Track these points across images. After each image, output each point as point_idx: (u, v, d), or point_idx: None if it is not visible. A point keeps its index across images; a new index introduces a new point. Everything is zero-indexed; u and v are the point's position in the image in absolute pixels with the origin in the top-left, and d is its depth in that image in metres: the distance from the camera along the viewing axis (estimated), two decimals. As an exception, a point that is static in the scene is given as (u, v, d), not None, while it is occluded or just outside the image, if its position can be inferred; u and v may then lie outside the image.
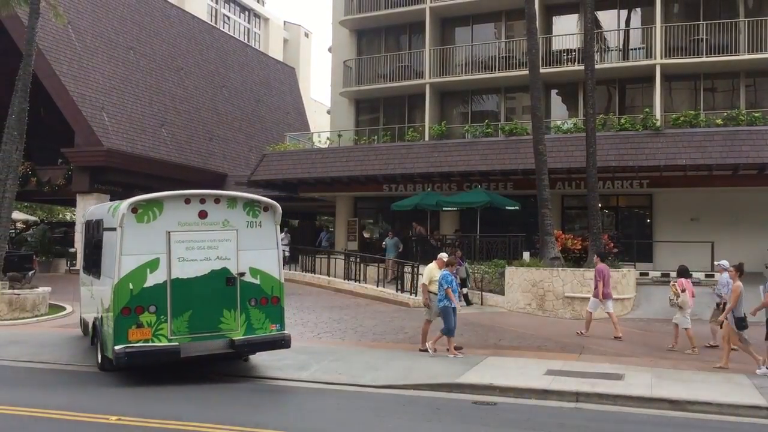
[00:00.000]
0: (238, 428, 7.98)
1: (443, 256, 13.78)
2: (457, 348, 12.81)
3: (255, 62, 47.26)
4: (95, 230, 12.70)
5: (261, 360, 12.11)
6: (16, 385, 10.55)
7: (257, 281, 11.03)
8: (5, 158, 18.73)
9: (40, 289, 18.67)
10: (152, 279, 10.35)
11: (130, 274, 10.27)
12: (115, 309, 10.22)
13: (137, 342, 10.17)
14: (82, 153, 27.81)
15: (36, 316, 17.77)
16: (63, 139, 28.43)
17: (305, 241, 32.45)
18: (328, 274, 24.64)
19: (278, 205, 11.49)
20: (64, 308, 19.09)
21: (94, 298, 12.19)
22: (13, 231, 32.04)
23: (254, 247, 11.07)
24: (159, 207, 10.59)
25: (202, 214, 10.79)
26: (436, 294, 12.92)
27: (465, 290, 19.54)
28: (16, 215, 37.36)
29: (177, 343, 10.32)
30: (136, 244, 10.35)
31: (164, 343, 10.29)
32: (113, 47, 31.97)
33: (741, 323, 11.48)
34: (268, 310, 11.12)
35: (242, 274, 10.92)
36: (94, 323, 11.97)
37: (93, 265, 12.63)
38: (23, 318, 17.37)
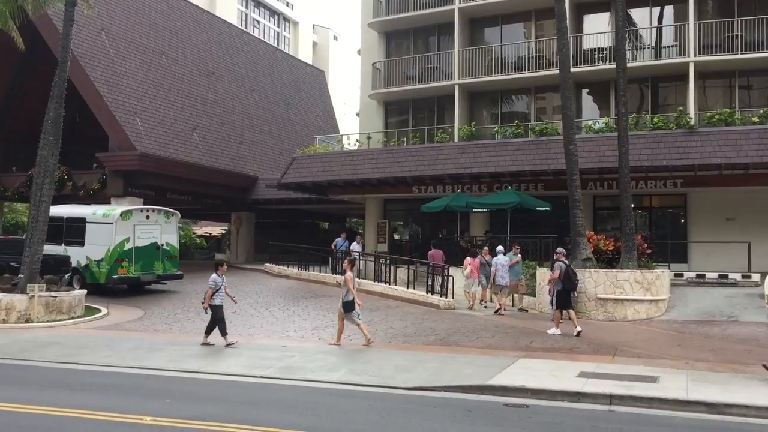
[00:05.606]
0: (269, 429, 8.05)
1: None
2: None
3: (285, 66, 47.54)
4: (79, 221, 23.75)
5: (293, 362, 12.25)
6: (54, 386, 10.76)
7: (168, 248, 23.77)
8: (42, 163, 19.15)
9: (76, 292, 19.04)
10: (127, 246, 22.47)
11: (119, 244, 22.31)
12: (110, 259, 22.15)
13: (121, 275, 22.31)
14: (116, 157, 28.20)
15: (72, 318, 18.13)
16: (98, 144, 28.90)
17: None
18: (358, 277, 24.62)
19: (179, 212, 24.86)
20: (99, 310, 19.43)
21: (81, 255, 22.87)
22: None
23: (167, 233, 23.87)
24: (130, 213, 22.97)
25: (147, 217, 23.34)
26: None
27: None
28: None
29: (138, 275, 22.75)
30: (121, 231, 22.46)
31: (132, 274, 22.55)
32: (146, 53, 32.42)
33: (348, 306, 14.12)
34: (173, 262, 23.87)
35: (163, 245, 23.48)
36: (83, 266, 22.76)
37: (77, 238, 23.44)
38: (60, 320, 17.73)
